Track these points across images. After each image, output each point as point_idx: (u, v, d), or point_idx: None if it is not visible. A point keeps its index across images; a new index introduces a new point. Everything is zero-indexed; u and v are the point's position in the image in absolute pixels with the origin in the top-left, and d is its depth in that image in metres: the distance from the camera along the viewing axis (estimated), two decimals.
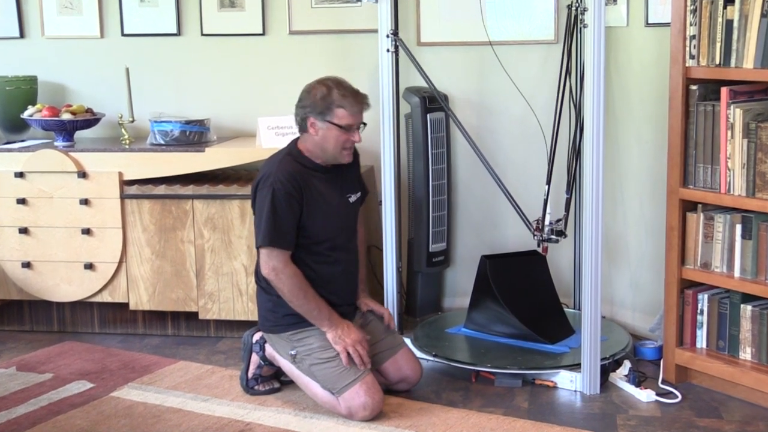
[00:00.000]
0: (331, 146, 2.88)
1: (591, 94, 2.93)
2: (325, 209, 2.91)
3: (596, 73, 2.92)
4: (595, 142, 2.96)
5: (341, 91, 2.87)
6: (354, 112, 2.88)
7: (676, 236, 3.09)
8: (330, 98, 2.86)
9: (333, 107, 2.85)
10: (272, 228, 2.83)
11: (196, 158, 3.64)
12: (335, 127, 2.86)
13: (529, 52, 3.78)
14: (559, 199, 3.47)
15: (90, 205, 3.69)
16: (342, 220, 2.98)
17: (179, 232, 3.66)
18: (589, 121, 2.96)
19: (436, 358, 3.30)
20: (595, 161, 2.97)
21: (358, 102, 2.88)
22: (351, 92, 2.88)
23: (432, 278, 3.86)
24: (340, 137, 2.88)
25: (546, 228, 3.30)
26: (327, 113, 2.86)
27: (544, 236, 3.30)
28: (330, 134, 2.87)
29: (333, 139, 2.88)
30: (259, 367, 3.12)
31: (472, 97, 3.87)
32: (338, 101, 2.85)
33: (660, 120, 3.37)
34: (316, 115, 2.87)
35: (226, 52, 4.03)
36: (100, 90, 4.09)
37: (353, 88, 2.92)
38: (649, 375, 3.20)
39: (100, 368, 3.40)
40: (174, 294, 3.70)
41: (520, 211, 3.33)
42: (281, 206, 2.83)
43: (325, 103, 2.86)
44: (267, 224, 2.83)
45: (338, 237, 2.97)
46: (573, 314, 3.61)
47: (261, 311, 3.05)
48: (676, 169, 3.07)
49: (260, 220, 2.87)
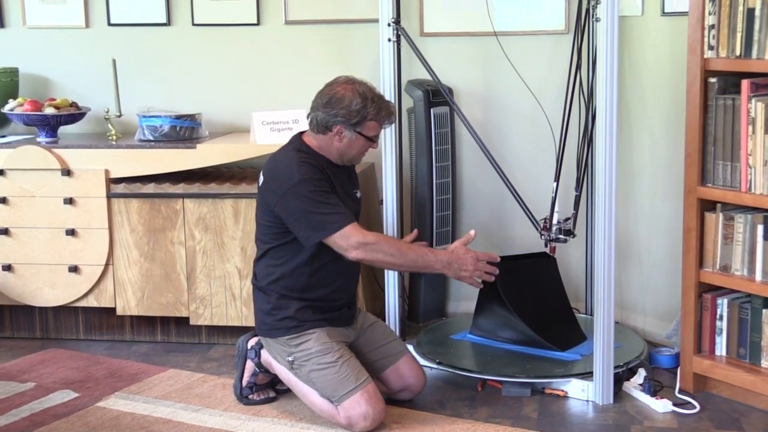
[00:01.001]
0: (354, 153, 2.94)
1: (604, 87, 2.93)
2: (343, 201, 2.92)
3: (609, 66, 2.91)
4: (608, 139, 2.95)
5: (378, 104, 2.89)
6: (385, 125, 2.96)
7: (694, 237, 3.09)
8: (365, 111, 2.86)
9: (367, 121, 2.87)
10: (330, 212, 2.81)
11: (186, 155, 3.64)
12: (363, 138, 2.89)
13: (538, 42, 3.78)
14: (568, 197, 3.47)
15: (75, 204, 3.69)
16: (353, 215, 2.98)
17: (169, 233, 3.65)
18: (601, 115, 2.96)
19: (441, 366, 3.30)
20: (608, 158, 2.96)
21: (389, 114, 2.93)
22: (386, 107, 2.93)
23: (436, 281, 3.86)
24: (366, 146, 2.94)
25: (554, 227, 3.30)
26: (359, 126, 2.88)
27: (552, 236, 3.30)
28: (356, 144, 2.91)
29: (358, 148, 2.93)
30: (254, 374, 3.11)
31: (479, 90, 3.86)
32: (373, 116, 2.88)
33: (676, 115, 3.37)
34: (347, 125, 2.87)
35: (219, 42, 4.02)
36: (85, 83, 4.09)
37: (384, 98, 2.97)
38: (665, 384, 3.19)
39: (85, 377, 3.39)
40: (163, 298, 3.70)
41: (526, 210, 3.33)
42: (323, 190, 2.83)
43: (359, 116, 2.87)
44: (321, 212, 2.80)
45: None
46: (585, 320, 3.62)
47: (258, 314, 3.05)
48: (694, 167, 3.07)
49: (308, 215, 2.80)
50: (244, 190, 3.58)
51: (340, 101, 2.86)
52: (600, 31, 2.93)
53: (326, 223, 2.80)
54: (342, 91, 2.88)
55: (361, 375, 2.88)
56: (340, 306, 2.99)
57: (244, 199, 3.56)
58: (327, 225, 2.80)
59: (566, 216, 3.35)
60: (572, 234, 3.32)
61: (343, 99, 2.86)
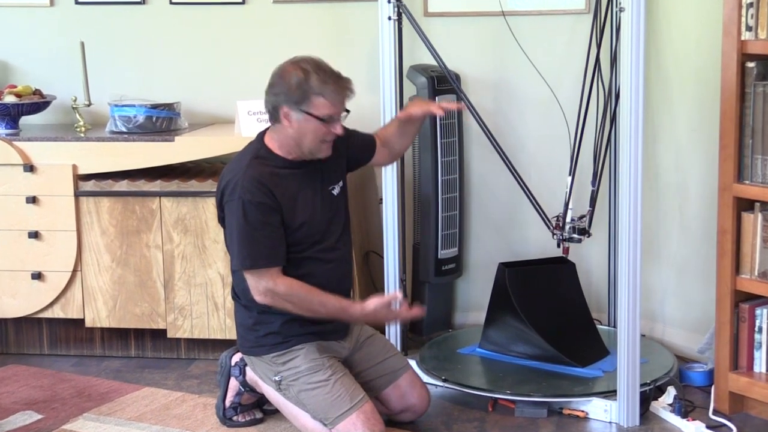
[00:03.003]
0: (309, 140, 2.86)
1: (628, 73, 2.91)
2: (305, 210, 2.90)
3: (634, 50, 2.90)
4: (633, 131, 2.94)
5: (321, 76, 2.83)
6: (336, 100, 2.85)
7: (730, 240, 3.08)
8: (307, 85, 2.82)
9: (311, 95, 2.82)
10: (250, 246, 2.82)
11: (164, 149, 3.63)
12: (313, 118, 2.84)
13: (556, 23, 3.77)
14: (584, 192, 3.45)
15: (38, 203, 3.67)
16: (327, 219, 2.96)
17: (144, 236, 3.64)
18: (626, 105, 2.94)
19: (447, 384, 3.29)
20: (633, 152, 2.96)
21: (340, 89, 2.85)
22: (332, 77, 2.85)
23: (441, 290, 3.86)
24: (320, 130, 2.85)
25: (567, 226, 3.30)
26: (304, 102, 2.83)
27: (565, 235, 3.31)
28: (308, 127, 2.85)
29: (311, 133, 2.86)
30: (239, 394, 3.10)
31: (489, 76, 3.86)
32: (317, 88, 2.82)
33: (709, 104, 3.36)
34: (291, 104, 2.84)
35: (200, 23, 4.01)
36: (49, 68, 4.08)
37: (334, 71, 2.88)
38: (697, 404, 3.19)
39: (50, 396, 3.38)
40: (138, 308, 3.69)
41: (537, 205, 3.33)
42: (257, 219, 2.82)
43: (301, 90, 2.82)
44: (242, 243, 2.83)
45: (327, 239, 2.96)
46: (607, 332, 3.62)
47: (239, 329, 3.05)
48: (730, 162, 3.06)
49: (232, 239, 2.87)
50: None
51: (280, 79, 2.85)
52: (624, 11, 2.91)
53: (243, 257, 2.83)
54: (286, 67, 2.87)
55: (357, 394, 2.87)
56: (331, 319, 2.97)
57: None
58: (243, 258, 2.83)
59: (581, 214, 3.34)
60: (587, 233, 3.32)
61: (283, 76, 2.85)
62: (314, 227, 2.92)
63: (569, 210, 3.33)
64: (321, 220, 2.94)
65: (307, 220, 2.90)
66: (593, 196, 3.39)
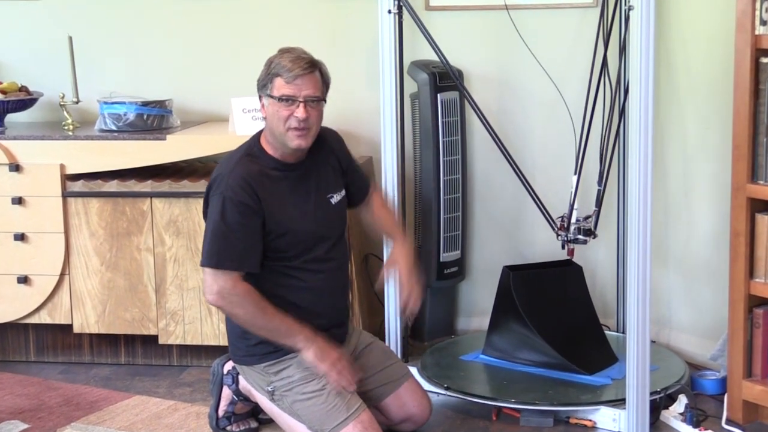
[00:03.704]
0: (276, 127, 2.87)
1: (638, 69, 2.90)
2: (294, 217, 2.88)
3: (644, 45, 2.89)
4: (642, 129, 2.93)
5: (283, 57, 2.86)
6: (290, 78, 2.83)
7: (743, 243, 3.07)
8: (270, 67, 2.87)
9: (273, 78, 2.86)
10: (219, 244, 2.83)
11: (155, 148, 3.63)
12: (274, 100, 2.84)
13: (562, 17, 3.77)
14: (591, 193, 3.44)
15: (25, 204, 3.67)
16: (321, 228, 2.94)
17: (135, 238, 3.64)
18: (635, 102, 2.93)
19: (449, 392, 3.29)
20: (643, 152, 2.95)
21: (295, 66, 2.83)
22: (291, 57, 2.85)
23: (443, 294, 3.86)
24: (281, 112, 2.84)
25: (572, 226, 3.31)
26: (267, 86, 2.87)
27: (570, 236, 3.31)
28: (272, 111, 2.87)
29: (274, 117, 2.86)
30: (232, 403, 3.10)
31: (493, 72, 3.86)
32: (276, 69, 2.85)
33: (721, 101, 3.36)
34: (261, 90, 2.90)
35: (193, 17, 4.01)
36: (36, 64, 4.08)
37: (302, 54, 2.88)
38: (709, 413, 3.19)
39: (37, 405, 3.38)
40: (128, 314, 3.68)
41: (542, 207, 3.32)
42: (234, 218, 2.82)
43: (266, 73, 2.87)
44: (213, 239, 2.83)
45: (317, 248, 2.94)
46: (615, 338, 3.62)
47: (230, 337, 3.05)
48: (743, 161, 3.05)
49: (207, 230, 2.88)
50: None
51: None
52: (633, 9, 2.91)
53: (210, 254, 2.83)
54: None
55: (353, 403, 2.87)
56: (325, 326, 2.95)
57: None
58: (210, 255, 2.83)
59: (587, 214, 3.34)
60: (593, 234, 3.32)
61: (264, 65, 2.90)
62: (302, 235, 2.90)
63: (574, 210, 3.33)
64: (311, 228, 2.92)
65: (295, 228, 2.88)
66: (599, 196, 3.39)
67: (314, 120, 2.86)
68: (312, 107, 2.85)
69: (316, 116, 2.87)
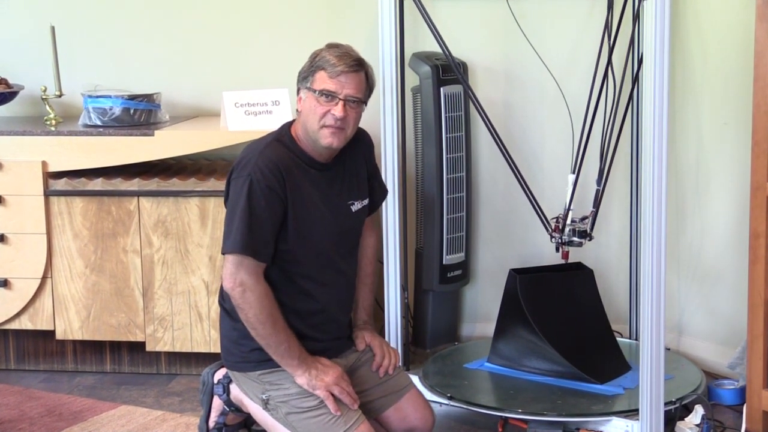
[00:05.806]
0: (310, 122, 2.85)
1: (652, 62, 2.90)
2: (313, 217, 2.87)
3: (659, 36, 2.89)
4: (657, 125, 2.93)
5: (329, 51, 2.85)
6: (334, 73, 2.82)
7: (763, 246, 3.08)
8: (314, 60, 2.86)
9: (316, 70, 2.85)
10: (247, 231, 2.79)
11: (142, 144, 3.62)
12: (312, 94, 2.84)
13: (570, 6, 3.77)
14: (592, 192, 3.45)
15: (4, 204, 3.67)
16: (337, 235, 2.94)
17: (121, 239, 3.64)
18: (649, 97, 2.93)
19: (453, 402, 3.29)
20: (657, 150, 2.94)
21: (340, 62, 2.83)
22: (339, 53, 2.85)
23: (446, 299, 3.86)
24: (318, 108, 2.84)
25: (567, 228, 3.32)
26: (308, 78, 2.86)
27: (564, 238, 3.32)
28: (309, 105, 2.86)
29: (311, 112, 2.85)
30: (223, 413, 3.09)
31: (497, 65, 3.87)
32: (320, 62, 2.84)
33: (740, 96, 3.36)
34: (301, 82, 2.88)
35: (183, 6, 4.01)
36: (16, 55, 4.08)
37: (350, 52, 2.88)
38: (727, 425, 3.20)
39: (17, 416, 3.38)
40: (114, 319, 3.69)
41: (536, 204, 3.34)
42: (259, 204, 2.79)
43: (310, 66, 2.86)
44: (240, 225, 2.79)
45: (330, 256, 2.93)
46: (628, 345, 3.62)
47: (223, 341, 3.03)
48: (763, 159, 3.05)
49: (232, 219, 2.82)
50: (213, 186, 3.57)
51: None
52: None
53: (234, 238, 2.78)
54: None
55: (351, 415, 2.86)
56: (326, 338, 2.95)
57: (212, 197, 3.56)
58: (232, 240, 2.78)
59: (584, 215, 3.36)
60: (588, 236, 3.33)
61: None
62: (317, 240, 2.88)
63: (570, 211, 3.33)
64: (328, 234, 2.91)
65: (312, 229, 2.86)
66: (597, 197, 3.39)
67: (351, 121, 2.85)
68: (351, 107, 2.84)
69: (353, 118, 2.85)
